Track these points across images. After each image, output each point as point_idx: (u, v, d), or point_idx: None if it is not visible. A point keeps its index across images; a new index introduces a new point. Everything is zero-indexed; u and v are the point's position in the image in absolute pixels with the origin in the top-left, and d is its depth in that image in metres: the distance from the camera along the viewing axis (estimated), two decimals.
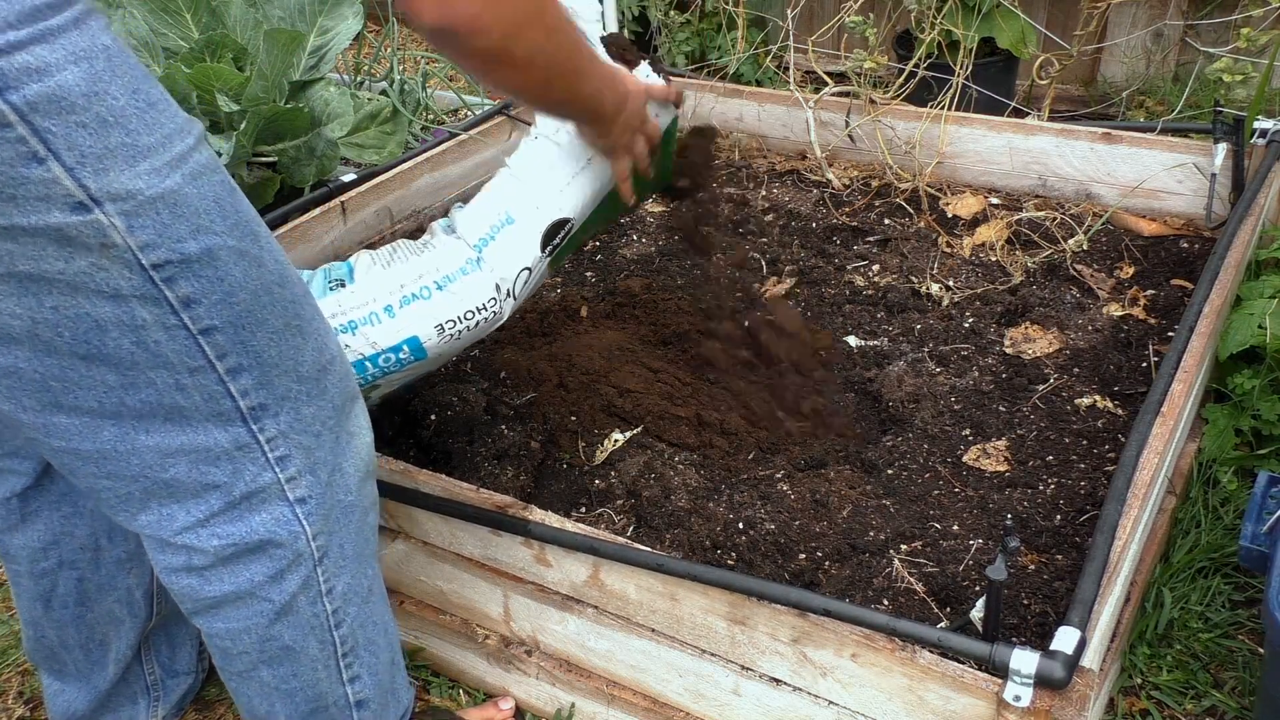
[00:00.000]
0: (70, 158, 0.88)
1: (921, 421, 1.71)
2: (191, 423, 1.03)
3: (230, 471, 1.07)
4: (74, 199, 0.89)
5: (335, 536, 1.16)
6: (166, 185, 0.93)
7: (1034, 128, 2.27)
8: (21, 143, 0.86)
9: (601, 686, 1.46)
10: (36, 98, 0.85)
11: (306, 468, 1.11)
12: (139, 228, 0.93)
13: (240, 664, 1.18)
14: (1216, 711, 1.47)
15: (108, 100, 0.89)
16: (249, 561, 1.11)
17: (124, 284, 0.94)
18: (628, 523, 1.56)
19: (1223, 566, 1.63)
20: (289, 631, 1.16)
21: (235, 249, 0.99)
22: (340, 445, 1.14)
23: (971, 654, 1.14)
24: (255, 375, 1.04)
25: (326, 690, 1.22)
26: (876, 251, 2.17)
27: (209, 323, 0.99)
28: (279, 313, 1.04)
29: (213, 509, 1.08)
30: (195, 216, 0.96)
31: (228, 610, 1.13)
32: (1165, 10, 3.08)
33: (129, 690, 1.47)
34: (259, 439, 1.07)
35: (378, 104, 2.85)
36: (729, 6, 3.07)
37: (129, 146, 0.91)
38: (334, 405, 1.13)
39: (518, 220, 1.49)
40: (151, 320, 0.97)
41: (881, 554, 1.46)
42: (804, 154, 2.53)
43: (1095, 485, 1.55)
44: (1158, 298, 1.93)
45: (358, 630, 1.22)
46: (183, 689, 1.53)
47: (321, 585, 1.16)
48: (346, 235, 2.22)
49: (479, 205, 1.52)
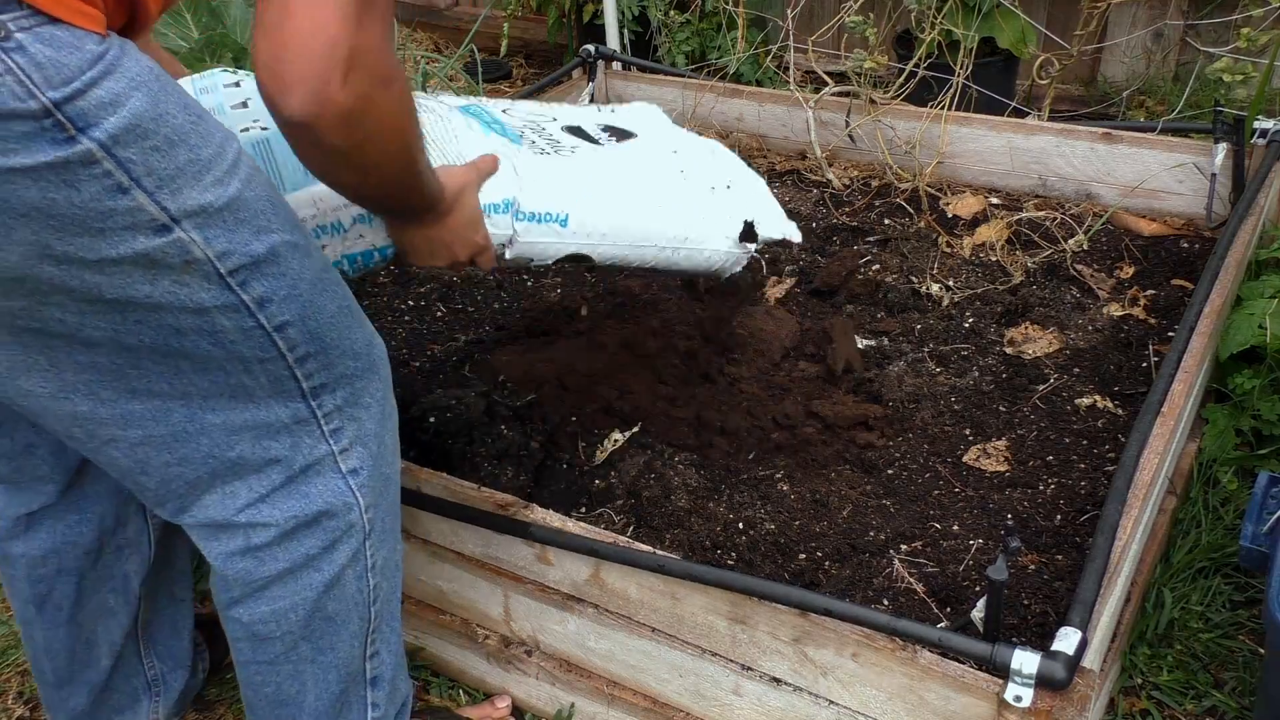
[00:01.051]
0: (150, 183, 0.92)
1: (921, 421, 1.71)
2: (255, 399, 1.08)
3: (290, 444, 1.11)
4: (157, 222, 0.93)
5: (379, 510, 1.19)
6: (230, 193, 0.97)
7: (1034, 128, 2.27)
8: (107, 176, 0.89)
9: (602, 686, 1.46)
10: (116, 130, 0.89)
11: (357, 439, 1.15)
12: (214, 238, 0.97)
13: (277, 647, 1.19)
14: (1217, 711, 1.47)
15: (170, 120, 0.93)
16: (305, 535, 1.14)
17: (205, 296, 0.99)
18: (628, 523, 1.55)
19: (1223, 566, 1.63)
20: (334, 604, 1.18)
21: (290, 243, 1.04)
22: (385, 418, 1.19)
23: (972, 654, 1.14)
24: (320, 360, 1.09)
25: (356, 668, 1.24)
26: (877, 251, 2.17)
27: (283, 319, 1.04)
28: (332, 297, 1.09)
29: (274, 483, 1.12)
30: (256, 218, 1.00)
31: (276, 589, 1.15)
32: (1165, 10, 3.08)
33: (129, 687, 1.47)
34: (316, 414, 1.12)
35: None
36: (729, 6, 3.06)
37: (193, 162, 0.95)
38: (381, 378, 1.18)
39: (569, 227, 1.38)
40: (231, 326, 1.01)
41: (882, 554, 1.46)
42: (804, 154, 2.53)
43: (1095, 485, 1.55)
44: (1158, 298, 1.93)
45: (385, 606, 1.24)
46: (181, 683, 1.53)
47: (368, 559, 1.19)
48: None
49: (554, 183, 1.38)
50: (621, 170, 1.51)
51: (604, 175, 1.47)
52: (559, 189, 1.38)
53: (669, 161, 1.56)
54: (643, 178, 1.50)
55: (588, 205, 1.39)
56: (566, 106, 1.74)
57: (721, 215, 1.51)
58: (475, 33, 3.37)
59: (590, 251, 1.41)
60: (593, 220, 1.39)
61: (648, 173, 1.52)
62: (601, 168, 1.48)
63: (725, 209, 1.51)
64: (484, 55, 3.48)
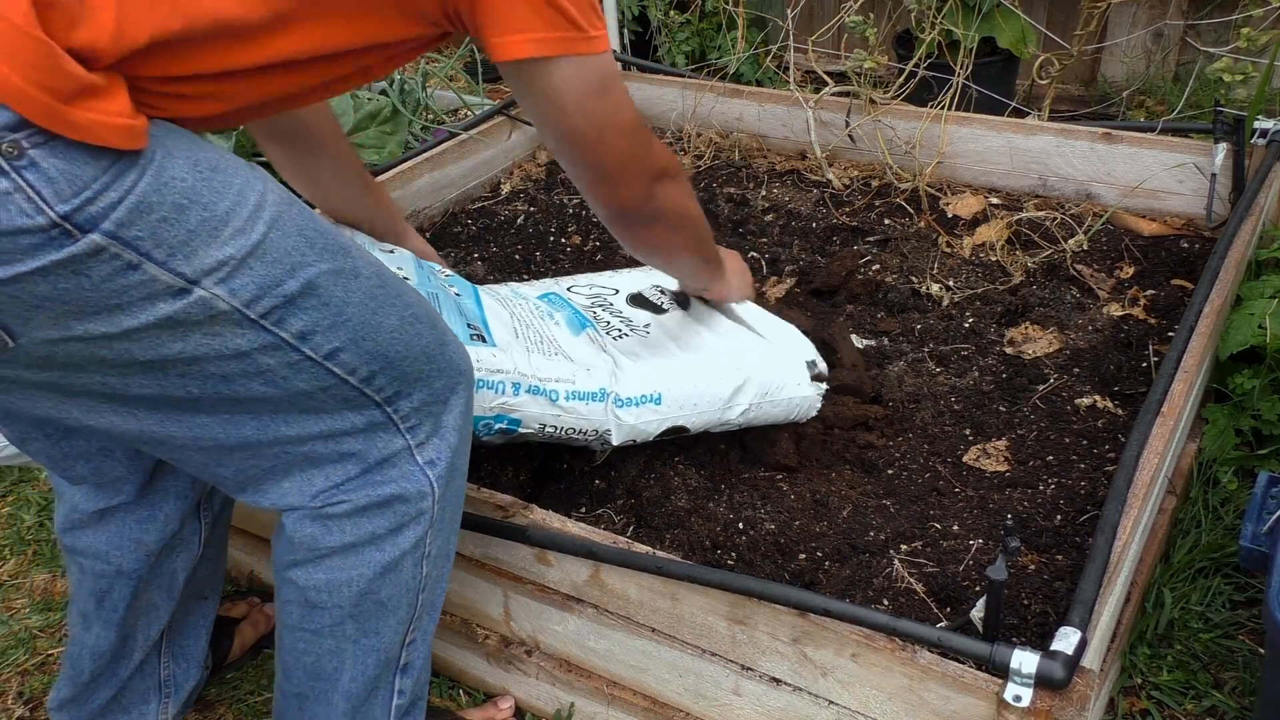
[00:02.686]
0: (160, 254, 0.92)
1: (921, 421, 1.71)
2: (328, 413, 1.09)
3: (364, 441, 1.12)
4: (173, 288, 0.93)
5: (449, 503, 1.21)
6: (253, 239, 0.97)
7: (1034, 128, 2.27)
8: (116, 259, 0.90)
9: (601, 686, 1.46)
10: (121, 217, 0.89)
11: (434, 432, 1.16)
12: (240, 288, 0.97)
13: (325, 619, 1.19)
14: (1216, 711, 1.47)
15: (176, 185, 0.92)
16: (376, 514, 1.15)
17: (241, 342, 0.99)
18: (628, 522, 1.55)
19: (1223, 566, 1.63)
20: (388, 588, 1.19)
21: (331, 271, 1.03)
22: (466, 411, 1.20)
23: (972, 654, 1.14)
24: (390, 374, 1.10)
25: (394, 655, 1.25)
26: (877, 251, 2.17)
27: (331, 347, 1.04)
28: (392, 311, 1.09)
29: (349, 474, 1.13)
30: (287, 257, 0.99)
31: (336, 560, 1.16)
32: (1165, 10, 3.08)
33: (141, 687, 1.47)
34: (393, 418, 1.13)
35: (377, 104, 2.84)
36: (729, 6, 3.07)
37: (208, 220, 0.94)
38: (460, 371, 1.19)
39: (664, 404, 1.52)
40: (275, 364, 1.02)
41: (881, 554, 1.46)
42: (804, 154, 2.53)
43: (1095, 485, 1.55)
44: (1158, 298, 1.93)
45: (430, 595, 1.25)
46: (193, 683, 1.53)
47: (427, 546, 1.20)
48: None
49: (646, 369, 1.55)
50: (694, 339, 1.66)
51: (682, 349, 1.63)
52: (649, 371, 1.54)
53: (730, 325, 1.70)
54: (711, 343, 1.65)
55: (676, 381, 1.53)
56: (623, 274, 1.92)
57: (785, 361, 1.60)
58: None
59: (686, 422, 1.54)
60: (683, 393, 1.53)
61: (713, 336, 1.67)
62: (677, 341, 1.66)
63: (785, 355, 1.61)
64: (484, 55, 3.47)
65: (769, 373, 1.58)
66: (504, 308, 1.62)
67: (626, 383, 1.51)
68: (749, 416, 1.57)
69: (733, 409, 1.55)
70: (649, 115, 2.74)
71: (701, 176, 2.52)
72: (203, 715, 1.62)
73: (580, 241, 2.31)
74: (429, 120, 3.02)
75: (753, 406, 1.56)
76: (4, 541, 1.98)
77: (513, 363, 1.47)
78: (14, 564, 1.94)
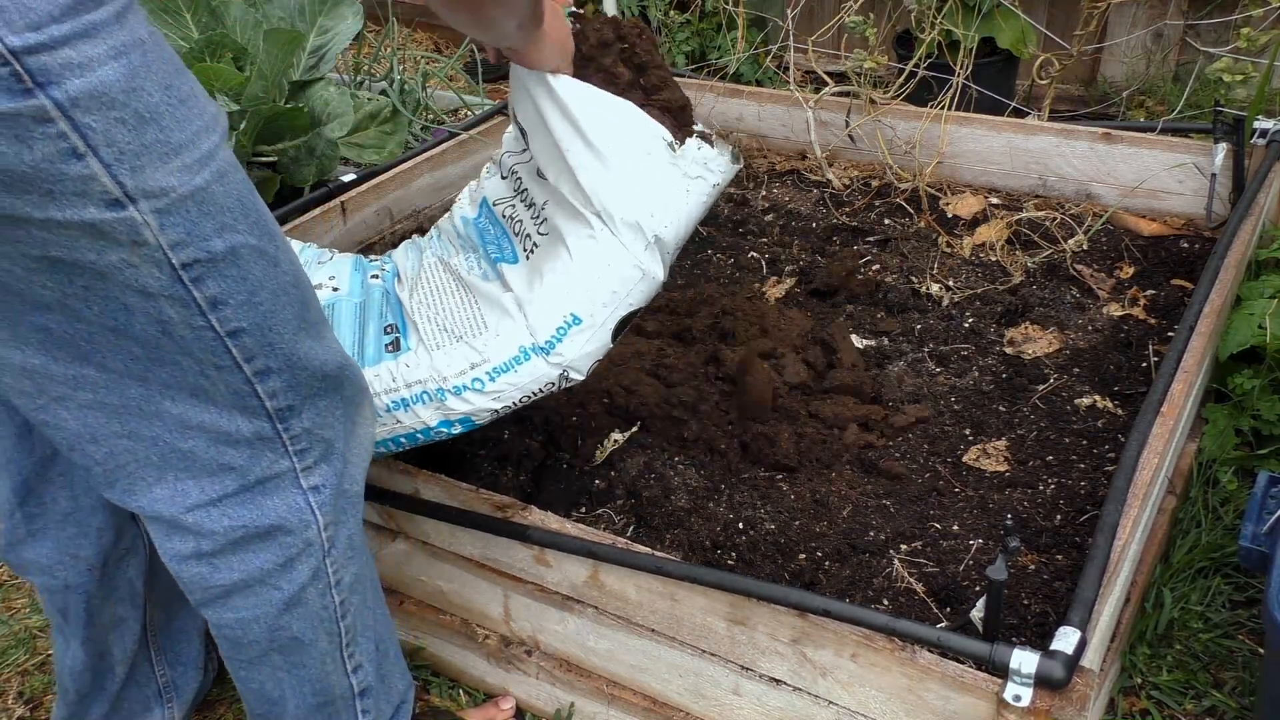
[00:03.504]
0: (108, 154, 0.89)
1: (921, 421, 1.71)
2: (216, 405, 1.05)
3: (248, 456, 1.08)
4: (110, 196, 0.90)
5: (343, 527, 1.17)
6: (196, 183, 0.94)
7: (1034, 128, 2.27)
8: (62, 139, 0.86)
9: (601, 686, 1.46)
10: (78, 93, 0.85)
11: (322, 457, 1.13)
12: (170, 225, 0.94)
13: (251, 652, 1.18)
14: (1216, 711, 1.47)
15: (144, 96, 0.90)
16: (258, 548, 1.12)
17: (152, 282, 0.95)
18: (628, 522, 1.55)
19: (1223, 566, 1.63)
20: (298, 623, 1.17)
21: (256, 248, 1.00)
22: (351, 436, 1.16)
23: (971, 654, 1.14)
24: (285, 378, 1.06)
25: (334, 682, 1.23)
26: (877, 251, 2.17)
27: (236, 324, 1.01)
28: (296, 313, 1.06)
29: (226, 489, 1.09)
30: (221, 214, 0.97)
31: (236, 599, 1.14)
32: (1165, 10, 3.08)
33: (141, 696, 1.47)
34: (282, 435, 1.09)
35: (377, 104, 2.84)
36: (729, 6, 3.07)
37: (162, 143, 0.91)
38: (348, 398, 1.15)
39: (584, 320, 1.39)
40: (178, 319, 0.98)
41: (881, 554, 1.46)
42: (804, 154, 2.53)
43: (1095, 485, 1.55)
44: (1158, 298, 1.93)
45: (357, 619, 1.23)
46: (194, 686, 1.53)
47: (331, 576, 1.17)
48: (346, 235, 2.22)
49: (544, 296, 1.40)
50: (558, 201, 1.44)
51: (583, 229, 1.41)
52: (551, 296, 1.39)
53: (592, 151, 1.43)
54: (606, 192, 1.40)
55: (579, 289, 1.38)
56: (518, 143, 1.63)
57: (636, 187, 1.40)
58: None
59: (624, 311, 1.40)
60: (594, 296, 1.38)
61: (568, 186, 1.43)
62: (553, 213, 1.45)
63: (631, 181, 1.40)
64: (484, 55, 3.47)
65: (637, 206, 1.37)
66: (431, 283, 1.53)
67: (537, 323, 1.38)
68: (670, 254, 1.42)
69: (650, 267, 1.39)
70: None
71: None
72: (203, 715, 1.62)
73: None
74: (429, 120, 3.02)
75: (667, 242, 1.39)
76: None
77: (429, 368, 1.42)
78: None
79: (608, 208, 1.38)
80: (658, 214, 1.38)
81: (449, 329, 1.45)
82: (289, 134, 2.56)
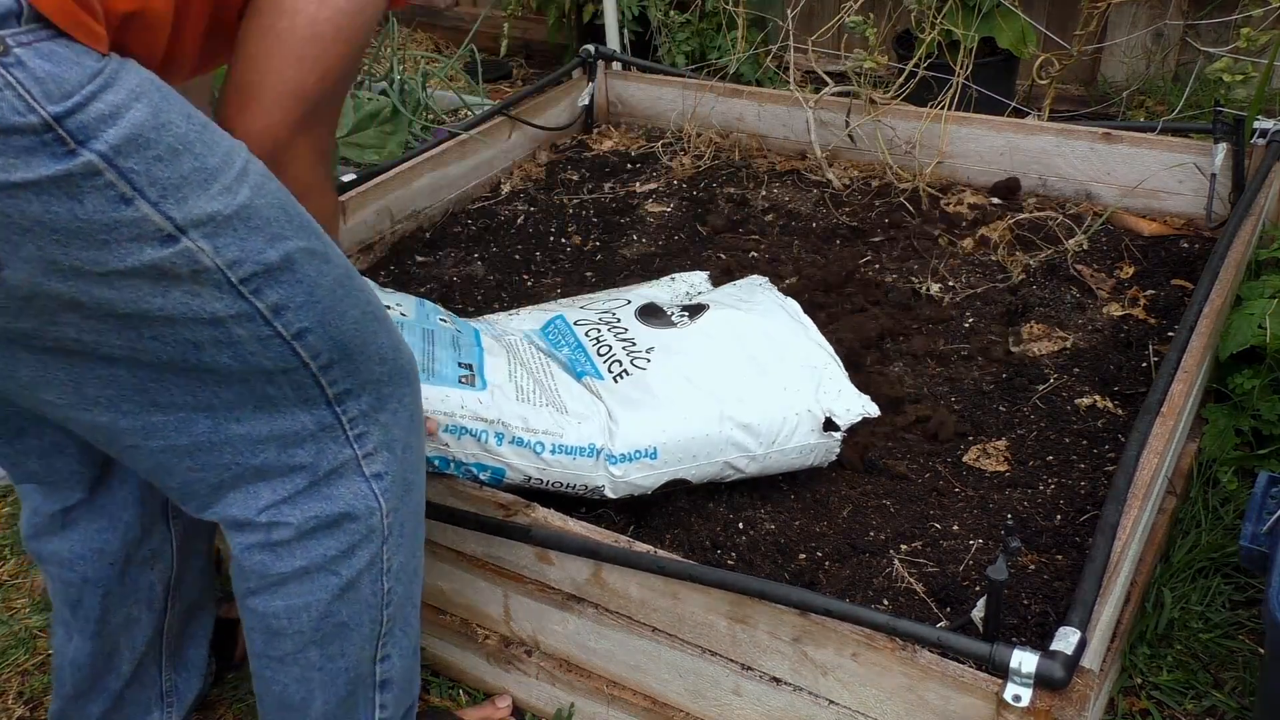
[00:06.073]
0: (154, 193, 0.92)
1: (922, 419, 1.71)
2: (280, 409, 1.08)
3: (314, 451, 1.11)
4: (163, 232, 0.93)
5: (400, 514, 1.19)
6: (239, 200, 0.97)
7: (1034, 128, 2.27)
8: (110, 188, 0.90)
9: (602, 686, 1.46)
10: (117, 141, 0.89)
11: (383, 444, 1.15)
12: (224, 247, 0.97)
13: (289, 645, 1.18)
14: (1216, 711, 1.47)
15: (172, 129, 0.93)
16: (324, 536, 1.14)
17: (219, 306, 0.98)
18: (628, 522, 1.55)
19: (1223, 566, 1.63)
20: (347, 609, 1.18)
21: (307, 249, 1.03)
22: (412, 423, 1.19)
23: (971, 654, 1.14)
24: (345, 366, 1.09)
25: (365, 671, 1.24)
26: (876, 251, 2.17)
27: (300, 326, 1.04)
28: (355, 302, 1.09)
29: (298, 487, 1.12)
30: (268, 225, 1.00)
31: (292, 586, 1.15)
32: (1165, 10, 3.08)
33: (143, 698, 1.46)
34: (341, 420, 1.11)
35: (378, 104, 2.84)
36: (729, 6, 3.07)
37: (199, 170, 0.95)
38: (409, 384, 1.18)
39: (660, 459, 1.49)
40: (247, 336, 1.01)
41: (881, 554, 1.46)
42: (804, 154, 2.53)
43: (1095, 485, 1.55)
44: (1158, 298, 1.93)
45: (398, 610, 1.24)
46: (195, 692, 1.53)
47: (385, 562, 1.19)
48: (347, 235, 2.22)
49: (641, 419, 1.49)
50: (701, 368, 1.56)
51: (685, 383, 1.54)
52: (645, 423, 1.49)
53: (739, 350, 1.60)
54: (721, 379, 1.55)
55: (673, 430, 1.49)
56: (640, 288, 1.86)
57: (800, 409, 1.52)
58: (475, 33, 3.37)
59: (686, 475, 1.51)
60: (679, 445, 1.49)
61: (724, 372, 1.56)
62: (682, 372, 1.56)
63: (803, 402, 1.53)
64: (484, 55, 3.48)
65: (778, 424, 1.50)
66: (503, 348, 1.61)
67: (621, 437, 1.48)
68: (759, 466, 1.53)
69: (735, 460, 1.51)
70: (649, 115, 2.75)
71: (701, 176, 2.52)
72: (203, 716, 1.62)
73: (580, 241, 2.31)
74: (429, 120, 3.02)
75: (759, 457, 1.52)
76: (4, 541, 1.98)
77: (497, 411, 1.46)
78: (14, 564, 1.94)
79: (745, 406, 1.51)
80: (766, 442, 1.51)
81: (542, 392, 1.53)
82: None
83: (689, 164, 2.56)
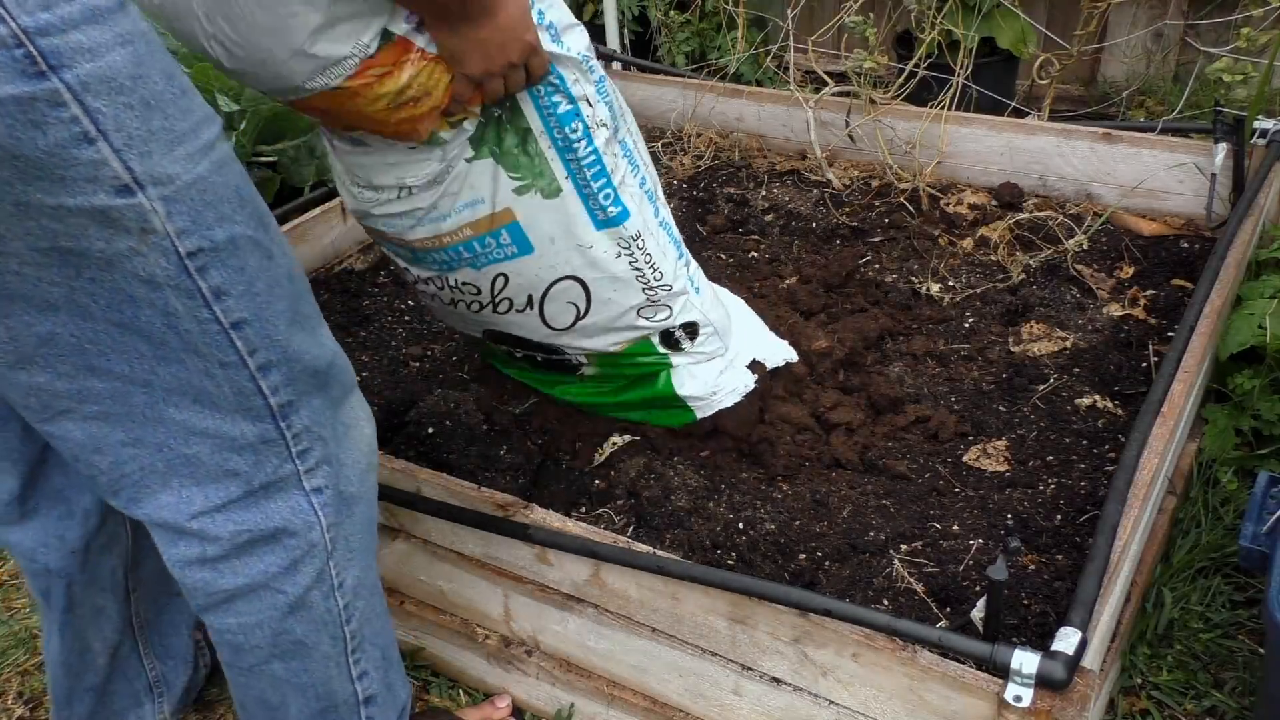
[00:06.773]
0: (118, 139, 0.90)
1: (922, 420, 1.71)
2: (220, 410, 1.05)
3: (253, 462, 1.09)
4: (120, 181, 0.91)
5: (343, 528, 1.17)
6: (198, 171, 0.96)
7: (1034, 128, 2.27)
8: (74, 123, 0.87)
9: (602, 686, 1.46)
10: (89, 77, 0.87)
11: (324, 459, 1.13)
12: (176, 213, 0.95)
13: (252, 658, 1.18)
14: (1217, 711, 1.47)
15: (149, 84, 0.91)
16: (263, 552, 1.12)
17: (159, 271, 0.96)
18: (628, 523, 1.55)
19: (1223, 566, 1.63)
20: (301, 626, 1.17)
21: (252, 239, 1.02)
22: (345, 437, 1.17)
23: (972, 654, 1.14)
24: (283, 371, 1.07)
25: (337, 688, 1.23)
26: (876, 251, 2.17)
27: (239, 315, 1.02)
28: (289, 305, 1.07)
29: (231, 495, 1.09)
30: (220, 204, 0.98)
31: (240, 604, 1.14)
32: (1165, 10, 3.08)
33: (130, 690, 1.47)
34: (285, 435, 1.09)
35: None
36: (729, 6, 3.07)
37: (168, 131, 0.93)
38: (335, 399, 1.15)
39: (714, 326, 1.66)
40: (184, 310, 0.99)
41: (881, 554, 1.46)
42: (804, 154, 2.53)
43: (1095, 485, 1.55)
44: (1158, 298, 1.93)
45: (364, 625, 1.23)
46: (184, 680, 1.53)
47: (334, 579, 1.18)
48: (346, 235, 2.22)
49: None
50: None
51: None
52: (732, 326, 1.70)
53: None
54: None
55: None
56: None
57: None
58: None
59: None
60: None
61: None
62: None
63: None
64: None
65: None
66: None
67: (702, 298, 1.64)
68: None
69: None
70: (649, 115, 2.75)
71: (701, 176, 2.52)
72: (202, 715, 1.62)
73: None
74: None
75: None
76: None
77: (643, 224, 1.53)
78: (14, 564, 1.94)
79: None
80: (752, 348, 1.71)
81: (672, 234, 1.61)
82: (289, 134, 2.57)
83: (689, 164, 2.56)
